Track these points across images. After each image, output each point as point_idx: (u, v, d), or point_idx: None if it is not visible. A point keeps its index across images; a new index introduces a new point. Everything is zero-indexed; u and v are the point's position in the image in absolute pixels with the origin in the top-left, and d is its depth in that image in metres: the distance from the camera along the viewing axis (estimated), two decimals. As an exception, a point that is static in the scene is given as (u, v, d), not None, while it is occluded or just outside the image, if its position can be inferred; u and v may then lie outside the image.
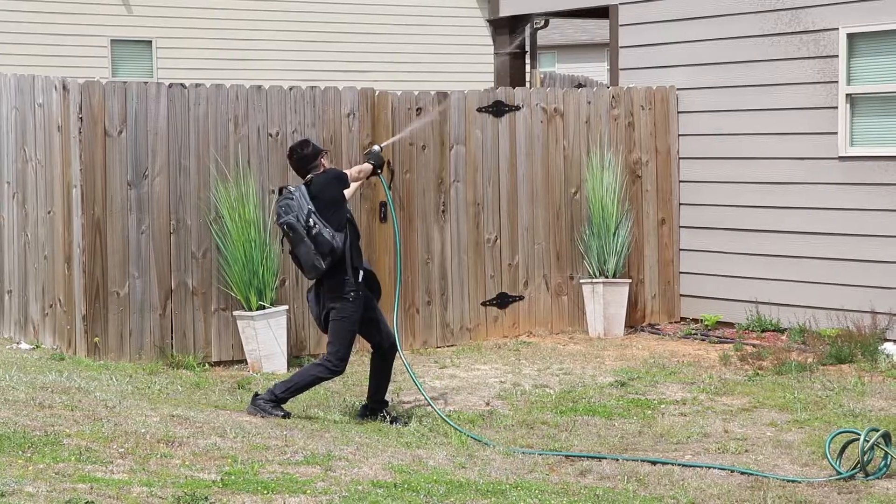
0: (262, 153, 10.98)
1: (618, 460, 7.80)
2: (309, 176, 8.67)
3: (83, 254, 10.32)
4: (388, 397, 8.98)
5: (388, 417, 8.74)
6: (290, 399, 8.71)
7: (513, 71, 15.11)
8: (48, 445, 6.96)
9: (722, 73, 12.51)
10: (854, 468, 7.42)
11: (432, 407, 8.97)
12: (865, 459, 7.37)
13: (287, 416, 8.50)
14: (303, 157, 8.73)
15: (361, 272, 8.63)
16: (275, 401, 8.57)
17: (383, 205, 11.40)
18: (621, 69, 13.31)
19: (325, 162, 8.80)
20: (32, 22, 20.24)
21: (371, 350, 8.91)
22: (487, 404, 9.50)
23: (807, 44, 11.83)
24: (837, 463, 7.51)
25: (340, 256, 8.51)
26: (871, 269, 11.41)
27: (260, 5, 21.84)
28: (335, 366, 8.61)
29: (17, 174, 11.20)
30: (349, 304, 8.58)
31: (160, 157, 10.55)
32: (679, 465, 7.71)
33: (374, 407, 8.83)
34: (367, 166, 9.24)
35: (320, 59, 21.96)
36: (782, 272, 12.09)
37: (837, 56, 11.56)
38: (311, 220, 8.49)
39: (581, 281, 12.43)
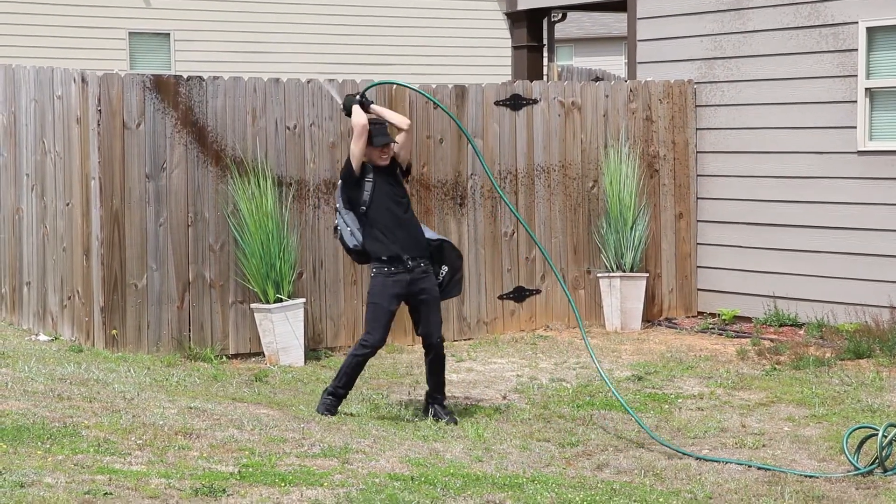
0: (280, 146, 10.99)
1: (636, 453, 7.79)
2: None
3: (101, 246, 10.35)
4: (406, 392, 8.96)
5: (433, 412, 8.64)
6: (346, 388, 8.71)
7: (530, 64, 15.10)
8: (67, 437, 6.99)
9: (740, 67, 12.47)
10: (872, 463, 7.40)
11: (622, 402, 8.72)
12: (884, 455, 7.35)
13: (333, 414, 8.52)
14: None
15: (386, 256, 8.55)
16: (333, 395, 8.62)
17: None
18: (639, 63, 13.28)
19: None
20: (51, 14, 20.29)
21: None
22: (504, 398, 9.50)
23: (826, 37, 11.79)
24: (855, 458, 7.49)
25: (362, 245, 8.60)
26: (889, 263, 11.37)
27: (278, -2, 21.84)
28: (364, 343, 8.62)
29: (37, 166, 11.24)
30: (372, 282, 8.64)
31: (178, 149, 10.57)
32: (696, 458, 7.70)
33: (427, 400, 8.81)
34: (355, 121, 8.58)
35: (338, 52, 21.97)
36: (800, 267, 12.05)
37: (857, 50, 11.52)
38: (336, 218, 8.78)
39: (598, 275, 12.41)
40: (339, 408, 8.74)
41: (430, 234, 8.80)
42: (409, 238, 8.59)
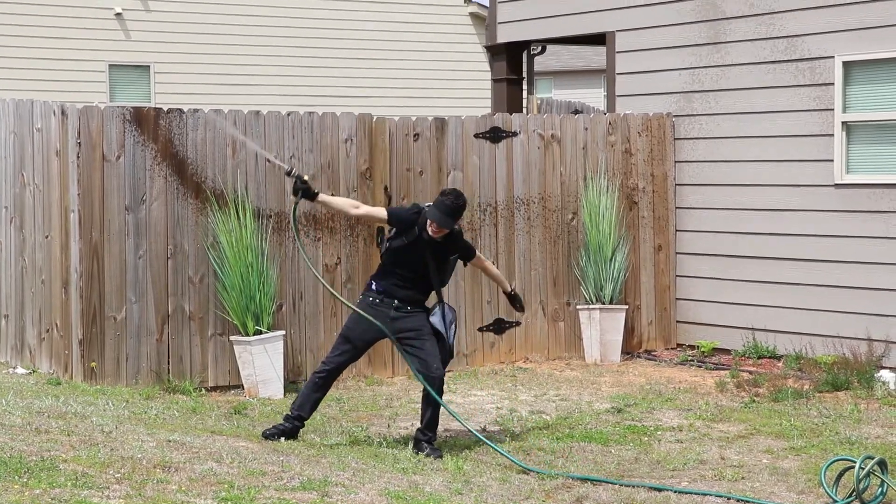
0: (260, 178, 11.00)
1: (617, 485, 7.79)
2: None
3: (80, 278, 10.33)
4: (385, 424, 8.93)
5: (416, 445, 8.65)
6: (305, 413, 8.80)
7: (510, 97, 15.16)
8: (44, 471, 6.95)
9: (718, 101, 12.55)
10: (850, 496, 7.42)
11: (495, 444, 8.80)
12: (861, 487, 7.37)
13: (274, 438, 8.60)
14: None
15: (373, 286, 8.79)
16: (289, 417, 8.75)
17: (380, 231, 11.41)
18: (618, 95, 13.36)
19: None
20: (31, 47, 20.31)
21: None
22: (484, 430, 9.50)
23: (803, 72, 11.89)
24: (833, 491, 7.51)
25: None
26: (867, 296, 11.43)
27: (258, 31, 21.93)
28: (321, 363, 8.89)
29: (15, 199, 11.22)
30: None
31: (158, 182, 10.57)
32: (675, 491, 7.71)
33: (415, 436, 8.79)
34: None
35: (318, 84, 22.05)
36: (779, 299, 12.10)
37: (833, 84, 11.62)
38: None
39: (578, 307, 12.44)
40: (319, 440, 8.69)
41: (437, 322, 8.77)
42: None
